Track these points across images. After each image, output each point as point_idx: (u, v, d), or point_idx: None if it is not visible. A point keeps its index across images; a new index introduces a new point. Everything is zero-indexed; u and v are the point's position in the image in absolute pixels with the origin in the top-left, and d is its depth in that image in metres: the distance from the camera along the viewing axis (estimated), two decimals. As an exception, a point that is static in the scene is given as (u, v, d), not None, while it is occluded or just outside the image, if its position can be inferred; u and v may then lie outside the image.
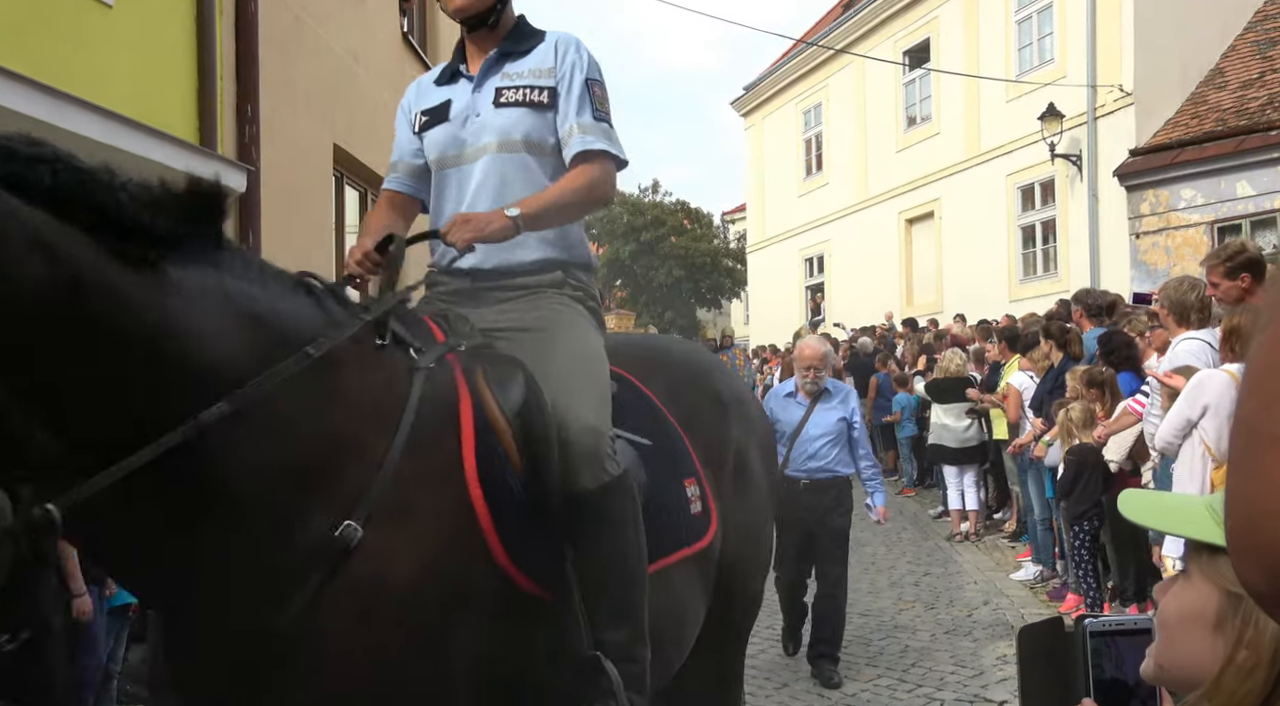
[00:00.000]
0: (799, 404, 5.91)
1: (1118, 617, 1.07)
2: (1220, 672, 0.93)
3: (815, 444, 5.78)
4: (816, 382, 5.86)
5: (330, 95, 9.19)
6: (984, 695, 5.42)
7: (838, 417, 5.84)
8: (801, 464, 5.77)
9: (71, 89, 5.39)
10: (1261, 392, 0.64)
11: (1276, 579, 0.64)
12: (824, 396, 5.89)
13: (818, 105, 24.50)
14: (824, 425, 5.81)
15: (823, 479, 5.80)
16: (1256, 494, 0.64)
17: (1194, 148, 14.07)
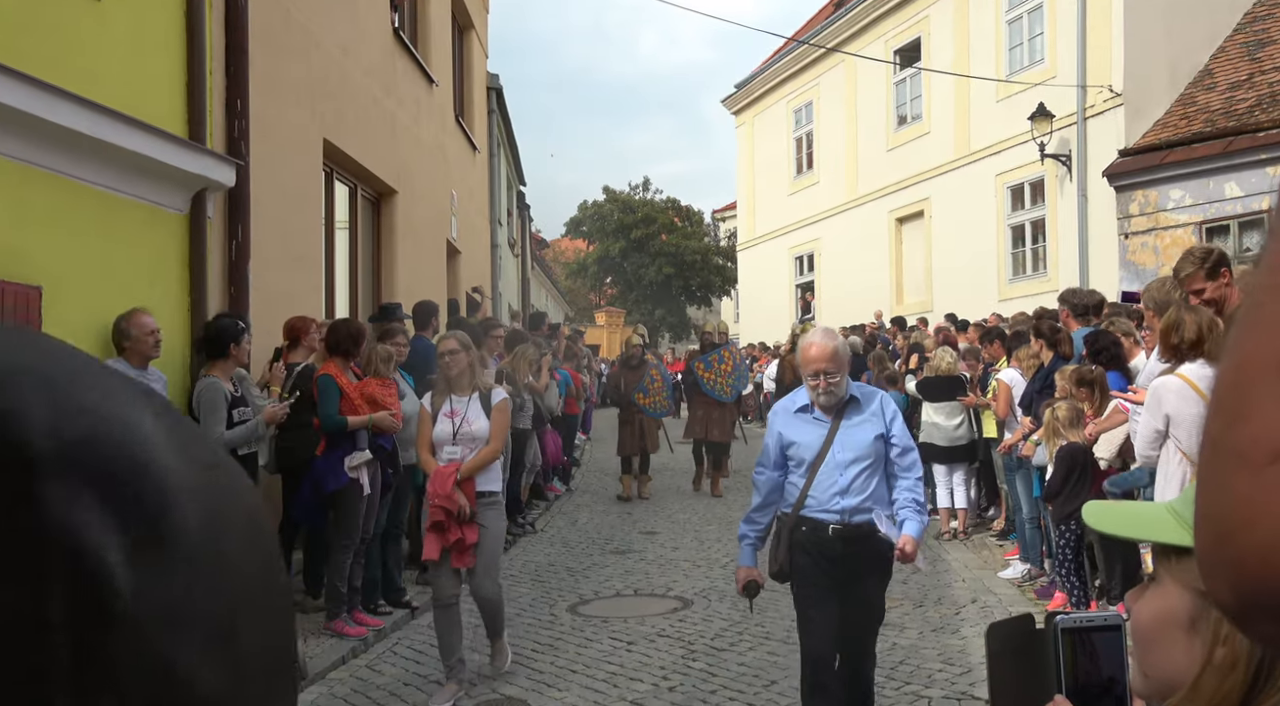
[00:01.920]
0: (816, 421, 4.41)
1: (1089, 614, 1.07)
2: (1199, 673, 0.93)
3: (846, 474, 4.30)
4: (833, 393, 4.33)
5: (320, 90, 9.16)
6: (971, 692, 5.44)
7: (874, 435, 4.35)
8: (829, 502, 4.30)
9: (60, 83, 5.36)
10: (1225, 411, 0.65)
11: (1244, 594, 0.65)
12: (851, 407, 4.41)
13: (808, 104, 24.53)
14: (856, 446, 4.32)
15: (861, 523, 4.28)
16: (1222, 510, 0.64)
17: (1183, 148, 14.13)
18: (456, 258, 15.27)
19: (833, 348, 4.28)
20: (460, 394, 5.61)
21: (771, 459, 4.47)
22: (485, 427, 5.56)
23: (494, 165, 19.09)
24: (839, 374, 4.31)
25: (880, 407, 4.43)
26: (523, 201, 26.90)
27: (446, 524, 5.40)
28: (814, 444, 4.36)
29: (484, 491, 5.55)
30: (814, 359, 4.31)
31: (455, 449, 5.49)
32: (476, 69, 17.47)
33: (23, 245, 5.35)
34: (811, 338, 4.41)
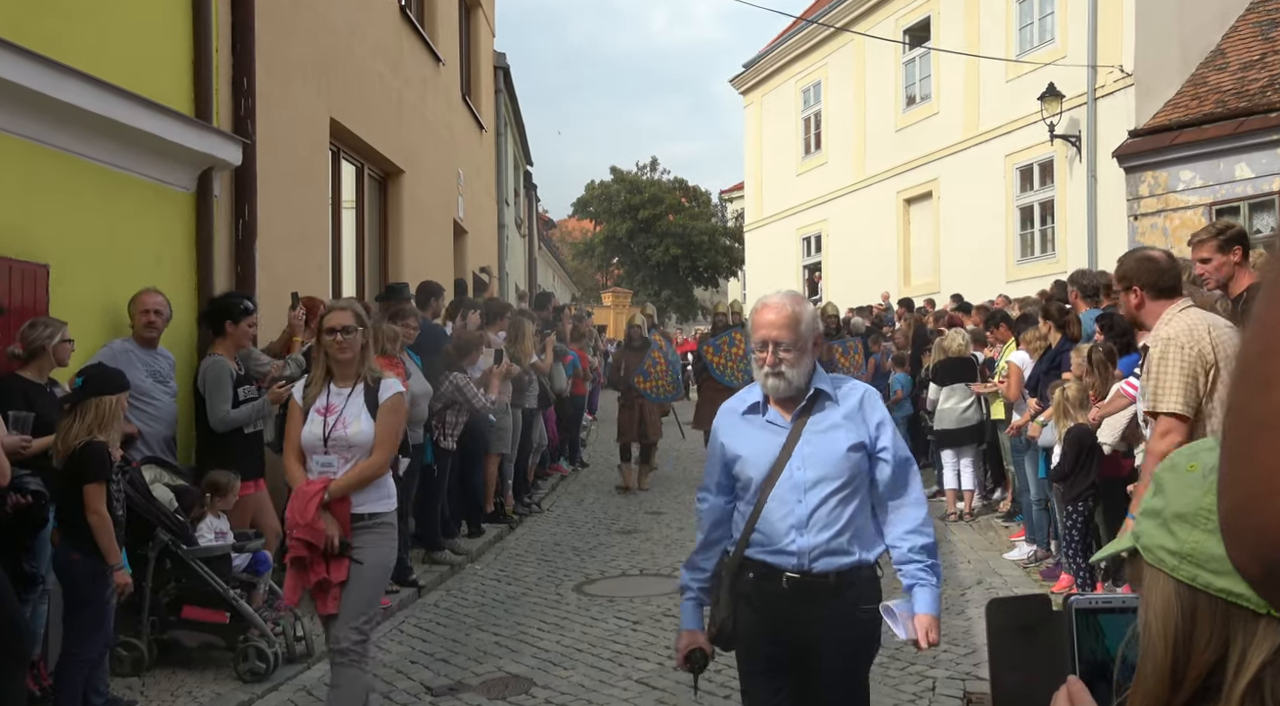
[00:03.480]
0: (770, 426, 3.14)
1: (1104, 596, 1.07)
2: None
3: (807, 500, 3.03)
4: (782, 375, 3.06)
5: (327, 68, 9.13)
6: (976, 673, 5.45)
7: (848, 445, 3.06)
8: (782, 539, 3.05)
9: (66, 60, 5.35)
10: (1252, 378, 0.64)
11: (1267, 561, 0.64)
12: (818, 406, 3.11)
13: (817, 83, 24.40)
14: (822, 461, 3.05)
15: (828, 570, 3.04)
16: (1247, 477, 0.64)
17: (1193, 129, 14.03)
18: (463, 237, 15.25)
19: (792, 312, 3.07)
20: (341, 384, 4.31)
21: (715, 479, 3.22)
22: (367, 431, 4.23)
23: (501, 144, 19.04)
24: (796, 350, 3.04)
25: (861, 407, 3.11)
26: (530, 181, 26.84)
27: (311, 559, 4.18)
28: (764, 457, 3.08)
29: (364, 514, 4.26)
30: (765, 323, 3.06)
31: (328, 459, 4.24)
32: (483, 47, 17.40)
33: (30, 223, 5.35)
34: (769, 298, 3.16)
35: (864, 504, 3.12)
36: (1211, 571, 0.84)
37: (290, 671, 5.63)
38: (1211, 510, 0.83)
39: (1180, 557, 0.88)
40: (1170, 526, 0.89)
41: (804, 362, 3.09)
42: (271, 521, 6.41)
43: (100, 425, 4.54)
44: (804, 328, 3.10)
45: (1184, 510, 0.88)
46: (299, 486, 4.23)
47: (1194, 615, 0.86)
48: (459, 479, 8.85)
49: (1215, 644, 0.84)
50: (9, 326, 5.03)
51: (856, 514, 3.08)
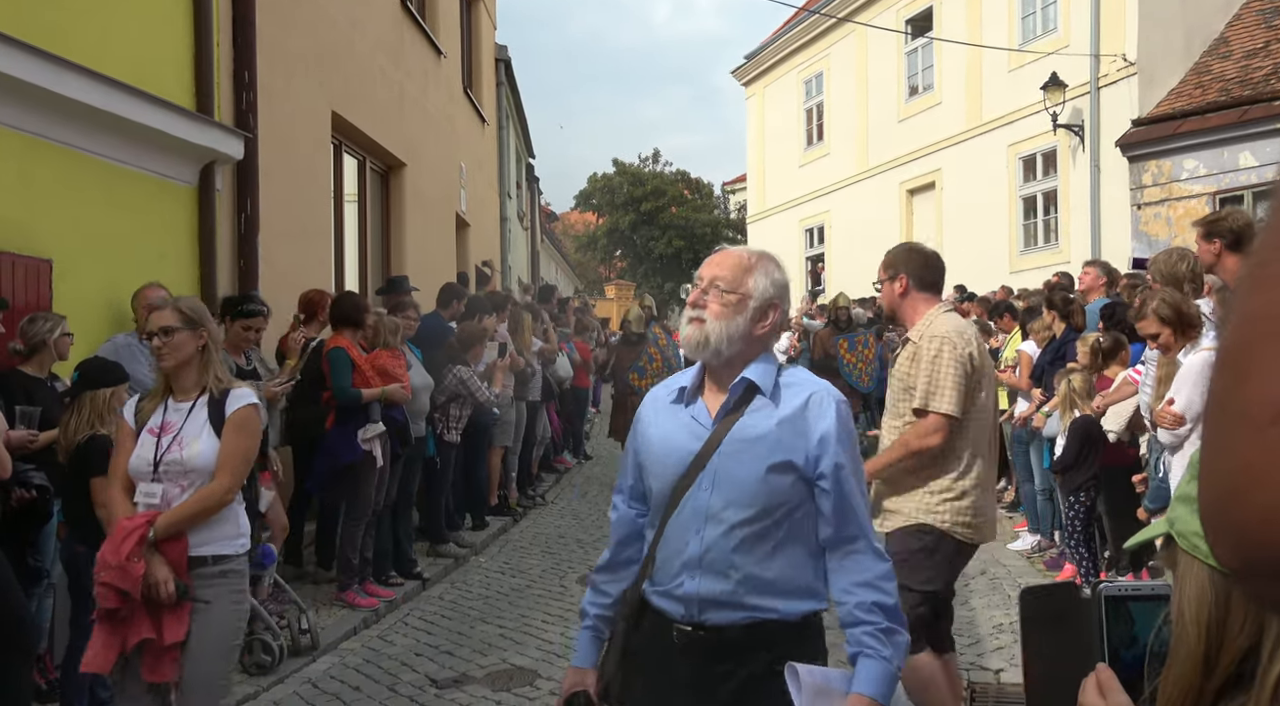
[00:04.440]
0: (694, 422, 2.43)
1: (1134, 583, 1.07)
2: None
3: (707, 533, 2.34)
4: (701, 323, 2.39)
5: (328, 62, 9.13)
6: (980, 663, 5.46)
7: (769, 464, 2.32)
8: (673, 580, 2.38)
9: (68, 54, 5.35)
10: (1231, 369, 0.64)
11: (1247, 555, 0.64)
12: (750, 407, 2.38)
13: (819, 74, 24.35)
14: (736, 481, 2.33)
15: (726, 625, 2.34)
16: (1226, 471, 0.64)
17: (1197, 118, 13.98)
18: (465, 230, 15.25)
19: (743, 260, 2.44)
20: (181, 398, 3.58)
21: (628, 481, 2.59)
22: (207, 453, 3.45)
23: (503, 137, 19.02)
24: (731, 300, 2.37)
25: (803, 413, 2.34)
26: (532, 174, 26.82)
27: (129, 613, 3.35)
28: (673, 465, 2.39)
29: (206, 557, 3.44)
30: (708, 263, 2.51)
31: (157, 488, 3.46)
32: (485, 40, 17.37)
33: (32, 218, 5.35)
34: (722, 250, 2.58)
35: (798, 544, 2.34)
36: None
37: (296, 664, 5.65)
38: None
39: None
40: None
41: (735, 324, 2.34)
42: (277, 514, 6.42)
43: (100, 418, 4.54)
44: (753, 281, 2.39)
45: None
46: (118, 523, 3.43)
47: (1228, 601, 0.85)
48: (463, 472, 8.86)
49: (1249, 630, 0.84)
50: (13, 322, 5.03)
51: (775, 556, 2.31)
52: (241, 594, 3.56)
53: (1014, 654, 5.50)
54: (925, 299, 3.90)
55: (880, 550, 2.39)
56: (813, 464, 2.32)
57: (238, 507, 3.57)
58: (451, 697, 5.27)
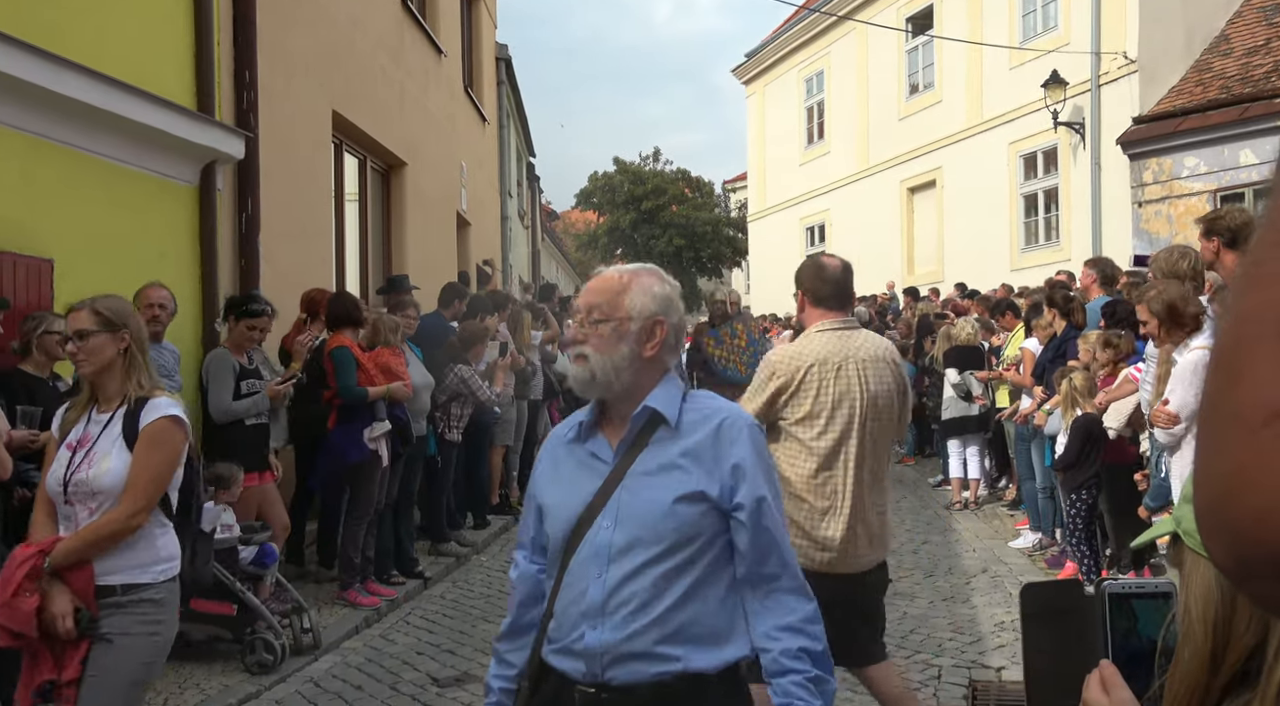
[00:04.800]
0: (593, 459, 2.22)
1: (1138, 581, 1.07)
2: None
3: (610, 574, 2.10)
4: (585, 360, 2.17)
5: (329, 61, 9.12)
6: (982, 661, 5.46)
7: (676, 495, 2.11)
8: (571, 633, 2.12)
9: (68, 54, 5.35)
10: (1225, 370, 0.64)
11: (1241, 557, 0.64)
12: (656, 432, 2.18)
13: (819, 73, 24.34)
14: (641, 516, 2.11)
15: (630, 685, 2.07)
16: (1219, 473, 0.64)
17: (1198, 116, 13.98)
18: (466, 229, 15.24)
19: (620, 281, 2.21)
20: (104, 408, 3.21)
21: (529, 533, 2.33)
22: (116, 472, 3.08)
23: (503, 136, 19.02)
24: (610, 329, 2.15)
25: (715, 440, 2.14)
26: (532, 173, 26.82)
27: (33, 649, 3.05)
28: (571, 507, 2.17)
29: (116, 586, 3.07)
30: (584, 290, 2.29)
31: (68, 510, 3.14)
32: (485, 39, 17.37)
33: (33, 218, 5.36)
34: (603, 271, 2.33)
35: (716, 584, 2.12)
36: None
37: (297, 663, 5.65)
38: None
39: None
40: None
41: (620, 352, 2.13)
42: (279, 514, 6.43)
43: None
44: (629, 301, 2.16)
45: None
46: (15, 551, 3.11)
47: (1234, 599, 0.86)
48: (464, 471, 8.86)
49: (1255, 628, 0.84)
50: (14, 322, 5.03)
51: (690, 599, 2.07)
52: (158, 625, 3.13)
53: (1015, 652, 5.51)
54: (819, 314, 3.83)
55: (805, 589, 2.17)
56: (728, 494, 2.11)
57: (155, 530, 3.16)
58: (453, 696, 5.27)
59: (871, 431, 3.69)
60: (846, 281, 3.88)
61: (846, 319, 3.82)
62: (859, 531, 3.66)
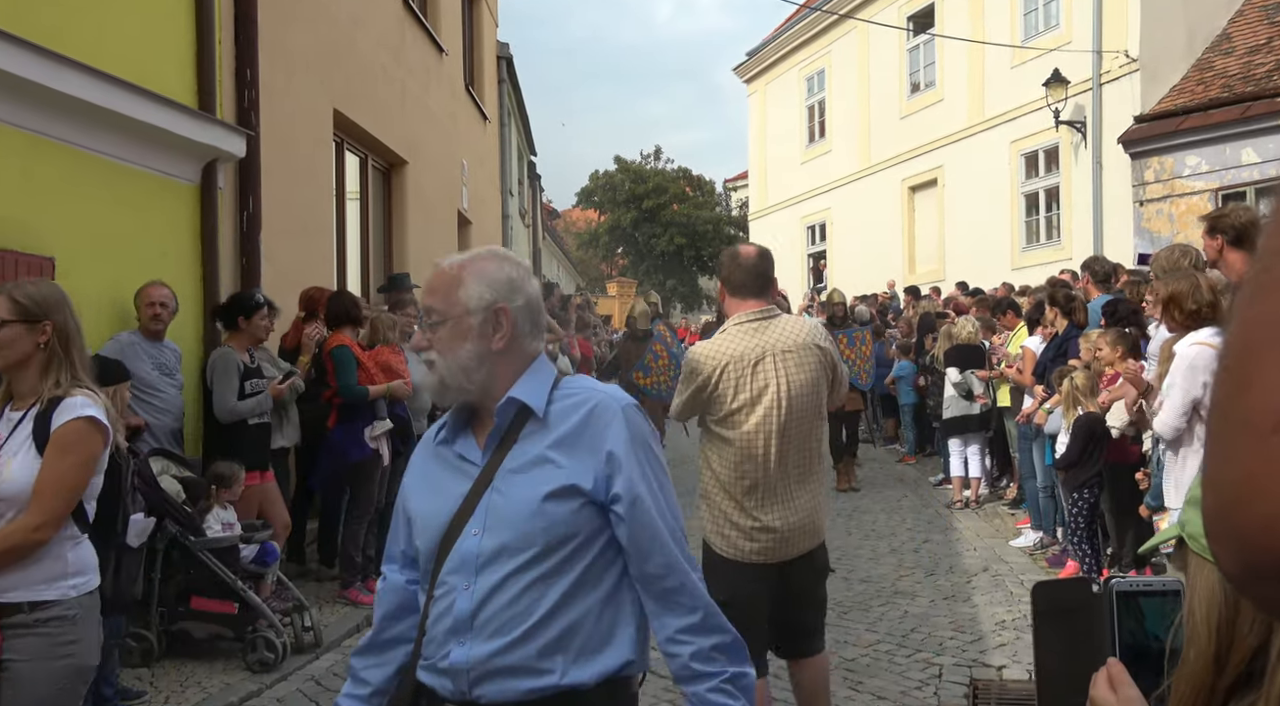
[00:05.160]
0: (462, 462, 2.05)
1: (1145, 579, 1.08)
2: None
3: (479, 584, 1.93)
4: (432, 366, 2.03)
5: (330, 59, 9.12)
6: (983, 660, 5.46)
7: (547, 491, 1.93)
8: (440, 650, 1.97)
9: (68, 52, 5.35)
10: (1234, 376, 0.64)
11: (1248, 563, 0.64)
12: (524, 426, 2.00)
13: (820, 71, 24.33)
14: (508, 521, 1.93)
15: (519, 699, 1.92)
16: (1228, 479, 0.64)
17: (1199, 114, 13.97)
18: (467, 228, 15.25)
19: (452, 273, 2.02)
20: (19, 406, 2.93)
21: (399, 545, 2.20)
22: (21, 479, 2.79)
23: (504, 135, 19.02)
24: (450, 328, 1.99)
25: (586, 427, 1.97)
26: (534, 171, 26.82)
27: None
28: (440, 514, 2.01)
29: (18, 604, 2.78)
30: (422, 293, 2.19)
31: None
32: (486, 38, 17.37)
33: (34, 216, 5.36)
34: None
35: (592, 588, 1.94)
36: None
37: (299, 661, 5.65)
38: None
39: None
40: None
41: (465, 351, 1.97)
42: (280, 512, 6.44)
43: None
44: (464, 293, 1.98)
45: None
46: None
47: (1238, 602, 0.86)
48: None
49: (1258, 629, 0.85)
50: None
51: (567, 606, 1.91)
52: (72, 646, 2.80)
53: (1017, 650, 5.51)
54: (737, 304, 3.81)
55: (697, 586, 1.99)
56: (603, 486, 1.93)
57: (65, 543, 2.83)
58: (454, 695, 5.27)
59: (796, 422, 3.69)
60: (764, 268, 3.84)
61: (766, 308, 3.78)
62: (789, 521, 3.69)
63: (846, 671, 5.36)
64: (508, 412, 1.99)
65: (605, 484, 1.94)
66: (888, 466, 12.59)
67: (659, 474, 2.01)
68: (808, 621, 3.89)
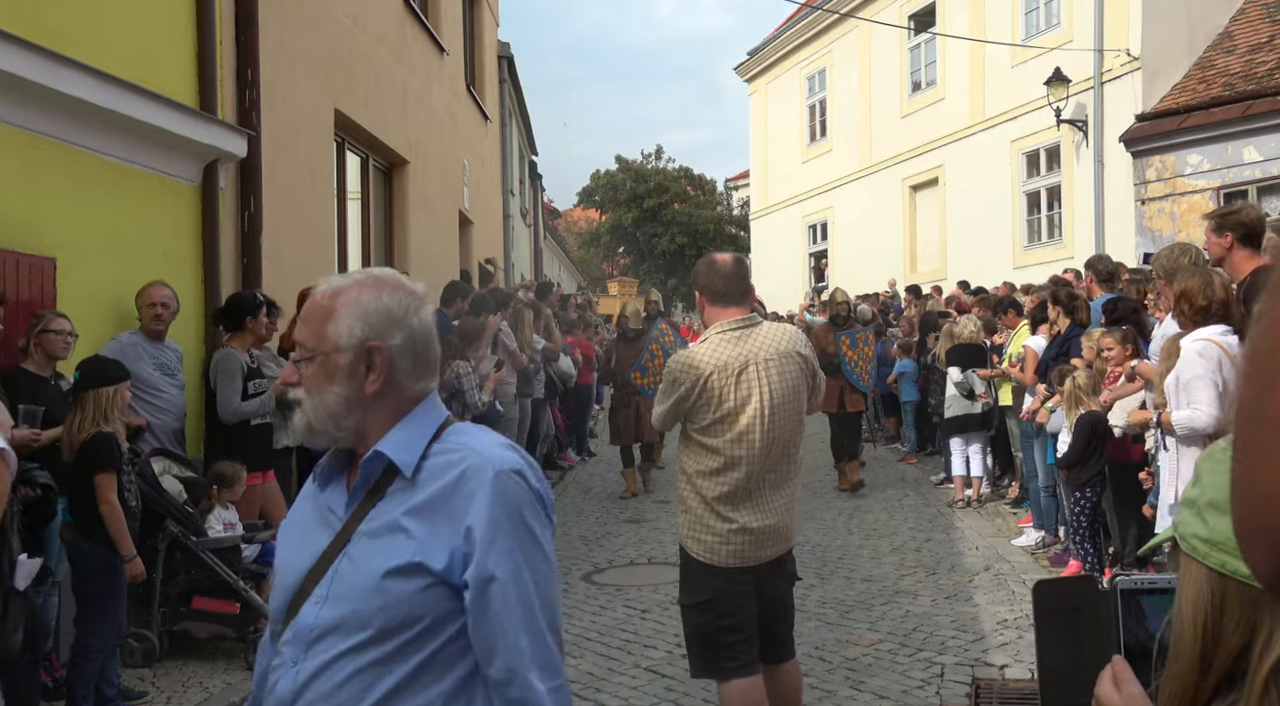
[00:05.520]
0: (329, 514, 1.78)
1: (1150, 577, 1.08)
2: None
3: (305, 666, 1.68)
4: (300, 408, 1.78)
5: (331, 59, 9.12)
6: (985, 659, 5.45)
7: (389, 567, 1.65)
8: None
9: (70, 53, 5.35)
10: (1263, 377, 0.64)
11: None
12: (391, 483, 1.72)
13: (822, 70, 24.33)
14: (348, 594, 1.67)
15: None
16: (1262, 478, 0.64)
17: (1201, 113, 13.96)
18: (469, 228, 15.25)
19: (323, 303, 1.77)
20: None
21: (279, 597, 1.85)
22: None
23: (506, 134, 19.02)
24: (318, 366, 1.75)
25: (452, 496, 1.68)
26: (535, 171, 26.82)
27: None
28: (295, 568, 1.77)
29: None
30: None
31: None
32: (487, 37, 17.36)
33: (36, 217, 5.36)
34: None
35: (435, 680, 1.66)
36: (1240, 558, 0.85)
37: (300, 661, 5.65)
38: None
39: (1211, 544, 0.89)
40: (1204, 514, 0.91)
41: (332, 394, 1.72)
42: (282, 513, 6.43)
43: (103, 416, 4.56)
44: (336, 330, 1.73)
45: (1216, 498, 0.90)
46: None
47: (1223, 601, 0.87)
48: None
49: (1242, 629, 0.86)
50: (18, 319, 5.04)
51: (400, 699, 1.64)
52: None
53: (1019, 650, 5.50)
54: (717, 312, 3.82)
55: (556, 697, 1.66)
56: (459, 565, 1.64)
57: None
58: (456, 694, 5.27)
59: (778, 430, 3.71)
60: (741, 275, 3.86)
61: (746, 316, 3.80)
62: (764, 523, 3.72)
63: (848, 671, 5.36)
64: (373, 466, 1.72)
65: (462, 563, 1.64)
66: (889, 466, 12.58)
67: (530, 557, 1.67)
68: (780, 630, 3.93)
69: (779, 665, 3.92)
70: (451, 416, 1.82)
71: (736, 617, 3.71)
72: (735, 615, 3.71)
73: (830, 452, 11.15)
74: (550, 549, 1.73)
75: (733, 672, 3.70)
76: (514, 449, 1.76)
